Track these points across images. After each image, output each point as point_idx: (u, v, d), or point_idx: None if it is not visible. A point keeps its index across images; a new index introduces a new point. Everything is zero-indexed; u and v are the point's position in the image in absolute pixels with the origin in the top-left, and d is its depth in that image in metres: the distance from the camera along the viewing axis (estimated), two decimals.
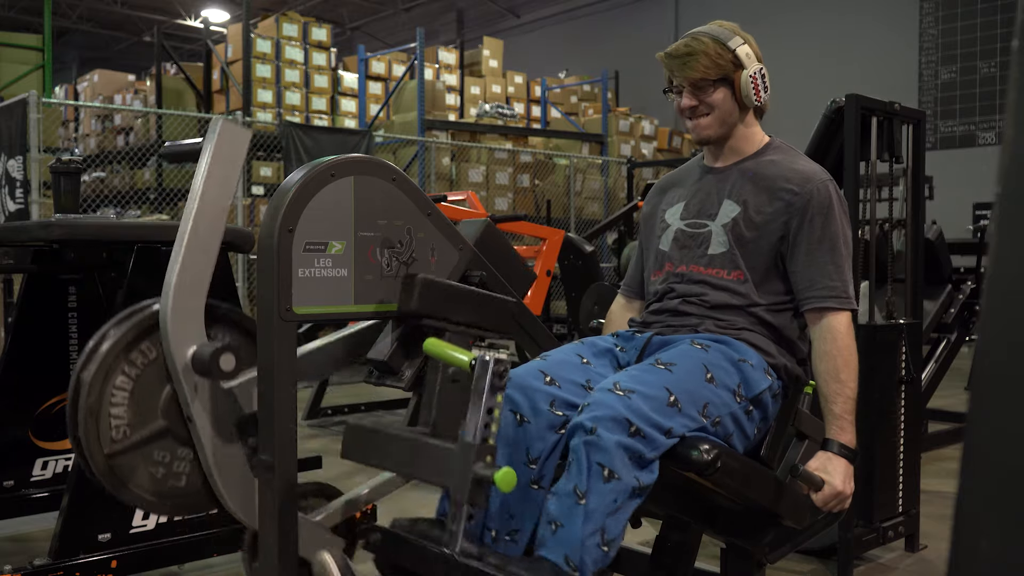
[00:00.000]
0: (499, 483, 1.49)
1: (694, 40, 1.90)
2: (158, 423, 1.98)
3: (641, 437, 1.55)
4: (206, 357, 1.81)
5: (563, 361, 1.81)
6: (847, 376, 1.77)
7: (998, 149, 0.61)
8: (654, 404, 1.59)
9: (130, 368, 1.96)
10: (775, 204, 1.86)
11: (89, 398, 1.91)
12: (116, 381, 1.95)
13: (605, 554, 1.53)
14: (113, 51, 20.01)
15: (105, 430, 1.93)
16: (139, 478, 1.97)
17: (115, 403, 1.94)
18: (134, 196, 9.22)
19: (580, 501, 1.52)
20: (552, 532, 1.54)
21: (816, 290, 1.82)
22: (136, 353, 1.96)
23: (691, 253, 1.93)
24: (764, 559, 1.86)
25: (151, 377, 1.97)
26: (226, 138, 1.95)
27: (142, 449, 1.96)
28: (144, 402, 1.96)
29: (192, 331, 1.90)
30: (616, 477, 1.53)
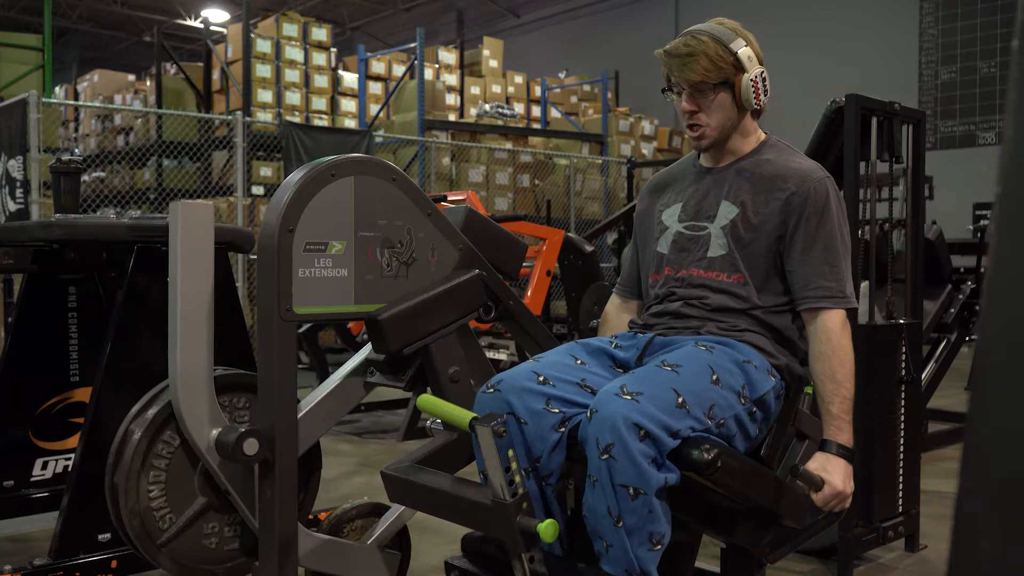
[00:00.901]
0: (543, 535, 1.58)
1: (694, 39, 1.86)
2: (199, 501, 2.07)
3: (651, 440, 1.56)
4: (230, 446, 1.86)
5: (556, 362, 1.81)
6: (843, 376, 1.77)
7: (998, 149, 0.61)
8: (663, 406, 1.59)
9: (159, 461, 2.03)
10: (772, 204, 1.85)
11: (128, 503, 1.99)
12: (149, 477, 2.02)
13: (659, 551, 1.61)
14: (113, 51, 20.01)
15: (152, 524, 2.01)
16: (197, 554, 2.05)
17: (153, 497, 2.02)
18: (134, 196, 9.22)
19: (618, 524, 1.57)
20: (605, 550, 1.61)
21: (811, 290, 1.82)
22: (160, 445, 2.04)
23: (690, 256, 1.92)
24: (764, 559, 1.86)
25: (180, 462, 2.05)
26: (190, 220, 1.97)
27: (191, 529, 2.05)
28: (180, 487, 2.04)
29: (207, 416, 1.97)
30: (643, 492, 1.56)
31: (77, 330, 2.97)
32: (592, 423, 1.59)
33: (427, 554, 2.83)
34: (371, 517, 2.27)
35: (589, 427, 1.60)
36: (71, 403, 2.98)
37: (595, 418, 1.59)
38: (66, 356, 2.96)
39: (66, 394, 2.97)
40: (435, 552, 2.85)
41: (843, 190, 2.82)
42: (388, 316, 1.90)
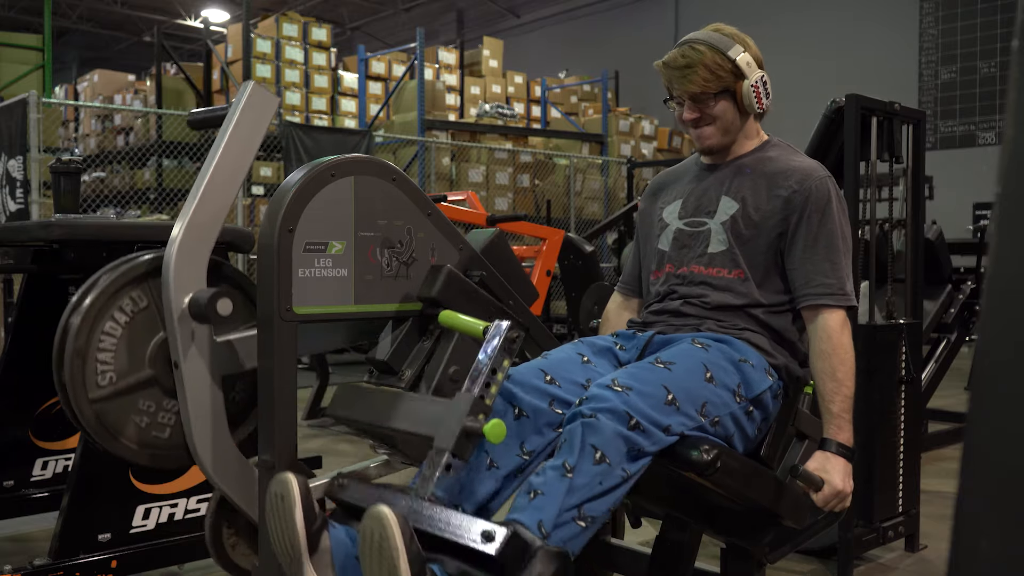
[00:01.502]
0: (488, 435, 1.49)
1: (691, 50, 1.85)
2: (145, 372, 1.97)
3: (640, 431, 1.55)
4: (203, 301, 1.79)
5: (564, 360, 1.81)
6: (843, 375, 1.77)
7: (998, 149, 0.61)
8: (651, 402, 1.59)
9: (120, 315, 1.94)
10: (773, 201, 1.85)
11: (77, 341, 1.89)
12: (105, 327, 1.93)
13: (581, 531, 1.49)
14: (113, 51, 20.01)
15: (91, 375, 1.91)
16: (123, 426, 1.95)
17: (103, 348, 1.92)
18: (134, 196, 9.22)
19: (567, 475, 1.50)
20: (530, 500, 1.50)
21: (812, 287, 1.82)
22: (127, 300, 1.95)
23: (691, 252, 1.92)
24: (764, 559, 1.86)
25: (141, 325, 1.96)
26: (254, 101, 1.97)
27: (128, 396, 1.95)
28: (132, 350, 1.95)
29: (194, 277, 1.89)
30: (606, 461, 1.51)
31: None
32: (582, 406, 1.59)
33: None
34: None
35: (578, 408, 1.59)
36: None
37: (585, 403, 1.59)
38: None
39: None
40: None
41: (843, 190, 2.82)
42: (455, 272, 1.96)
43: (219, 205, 1.94)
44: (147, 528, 2.50)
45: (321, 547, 1.52)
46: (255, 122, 1.98)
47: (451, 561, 1.45)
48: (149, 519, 2.51)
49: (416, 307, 2.02)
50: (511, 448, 1.68)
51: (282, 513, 1.52)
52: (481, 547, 1.38)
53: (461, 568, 1.43)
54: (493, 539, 1.38)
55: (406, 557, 1.35)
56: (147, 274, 1.98)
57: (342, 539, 1.55)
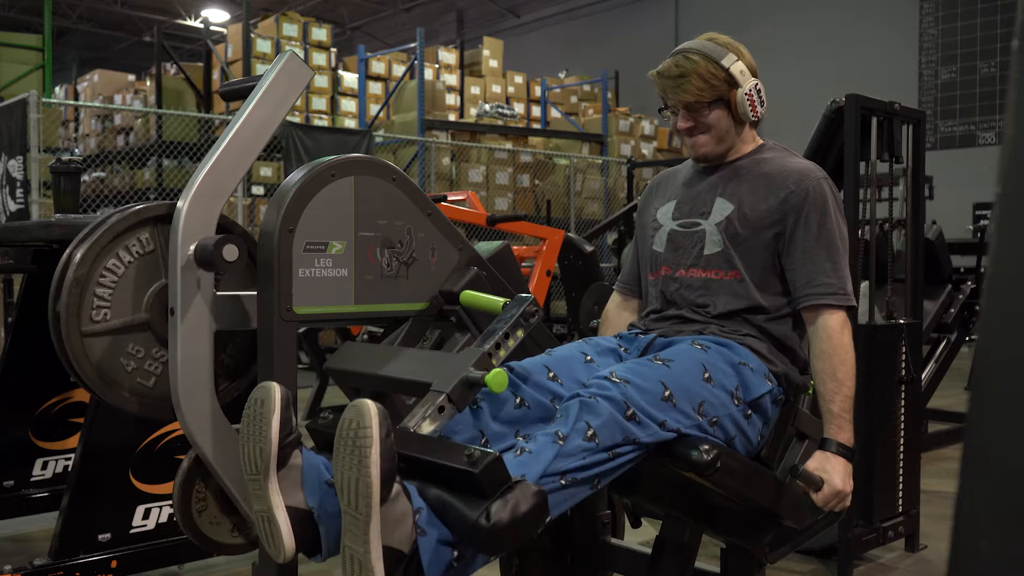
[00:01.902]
0: (490, 383, 1.48)
1: (685, 59, 1.85)
2: (140, 315, 1.95)
3: (636, 422, 1.56)
4: (210, 246, 1.78)
5: (567, 358, 1.81)
6: (844, 375, 1.77)
7: (998, 149, 0.61)
8: (648, 396, 1.59)
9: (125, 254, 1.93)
10: (770, 201, 1.85)
11: (78, 271, 1.88)
12: (108, 263, 1.92)
13: (562, 488, 1.49)
14: (113, 51, 20.02)
15: (87, 308, 1.90)
16: (109, 366, 1.93)
17: (102, 284, 1.90)
18: (134, 196, 9.22)
19: (557, 441, 1.50)
20: (516, 455, 1.50)
21: (813, 287, 1.81)
22: (134, 241, 1.94)
23: (686, 254, 1.92)
24: (764, 559, 1.86)
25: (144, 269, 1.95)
26: (288, 70, 1.98)
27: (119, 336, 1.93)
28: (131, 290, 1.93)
29: (204, 226, 1.87)
30: (596, 440, 1.52)
31: None
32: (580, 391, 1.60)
33: None
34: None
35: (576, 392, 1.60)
36: (71, 403, 2.98)
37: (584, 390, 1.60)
38: None
39: (66, 394, 2.97)
40: None
41: (843, 190, 2.82)
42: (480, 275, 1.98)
43: (237, 164, 1.93)
44: (147, 528, 2.51)
45: (291, 464, 1.47)
46: (286, 90, 1.98)
47: (429, 488, 1.42)
48: (149, 519, 2.52)
49: (417, 307, 2.02)
50: (507, 434, 1.67)
51: (258, 419, 1.47)
52: (462, 465, 1.36)
53: (438, 495, 1.40)
54: (475, 461, 1.36)
55: (379, 448, 1.31)
56: (159, 218, 1.97)
57: (315, 462, 1.50)
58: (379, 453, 1.31)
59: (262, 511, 1.46)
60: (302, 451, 1.50)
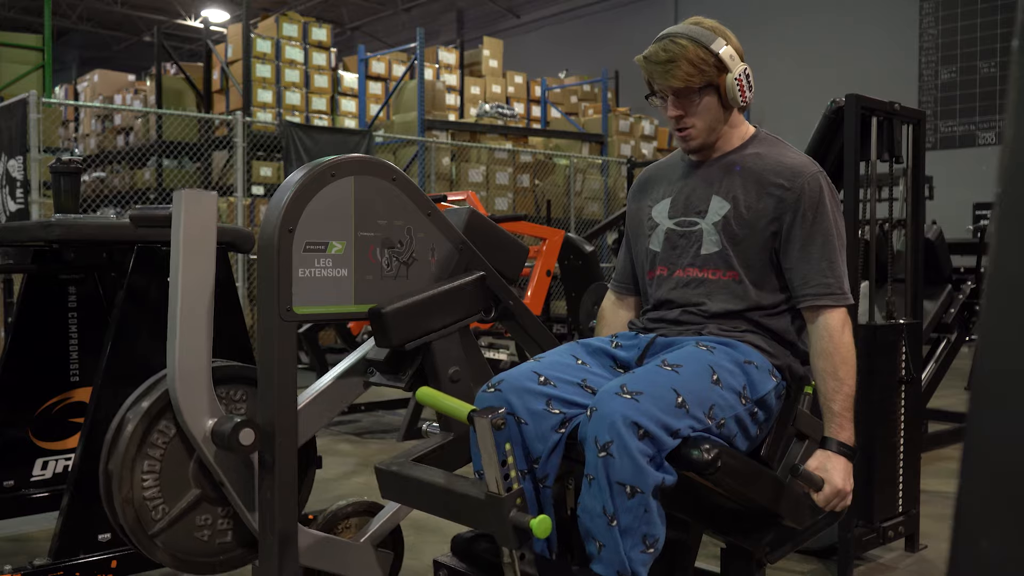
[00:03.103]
0: (536, 531, 1.56)
1: (673, 44, 1.81)
2: (192, 492, 2.04)
3: (649, 439, 1.55)
4: (225, 435, 1.86)
5: (557, 362, 1.81)
6: (845, 373, 1.76)
7: (998, 149, 0.61)
8: (662, 405, 1.59)
9: (153, 451, 2.01)
10: (765, 200, 1.83)
11: (122, 491, 1.97)
12: (143, 467, 2.00)
13: (652, 554, 1.59)
14: (113, 51, 20.01)
15: (145, 514, 1.99)
16: (190, 545, 2.03)
17: (147, 487, 2.00)
18: (134, 196, 9.22)
19: (612, 523, 1.56)
20: (598, 551, 1.59)
21: (811, 287, 1.81)
22: (156, 434, 2.03)
23: (683, 254, 1.91)
24: (764, 559, 1.86)
25: (175, 452, 2.03)
26: (192, 208, 1.97)
27: (183, 520, 2.03)
28: (174, 477, 2.02)
29: (204, 406, 1.95)
30: (639, 491, 1.55)
31: (77, 330, 2.97)
32: (592, 422, 1.59)
33: (425, 553, 2.83)
34: (364, 515, 2.27)
35: (588, 426, 1.60)
36: (71, 403, 2.98)
37: (595, 416, 1.59)
38: (66, 356, 2.96)
39: (66, 394, 2.97)
40: (433, 551, 2.84)
41: (843, 190, 2.82)
42: (392, 310, 1.90)
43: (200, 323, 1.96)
44: None
45: None
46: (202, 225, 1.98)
47: None
48: None
49: None
50: (518, 458, 1.69)
51: None
52: None
53: None
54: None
55: None
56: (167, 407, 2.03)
57: None
58: None
59: None
60: None
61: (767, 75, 13.12)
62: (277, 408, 1.84)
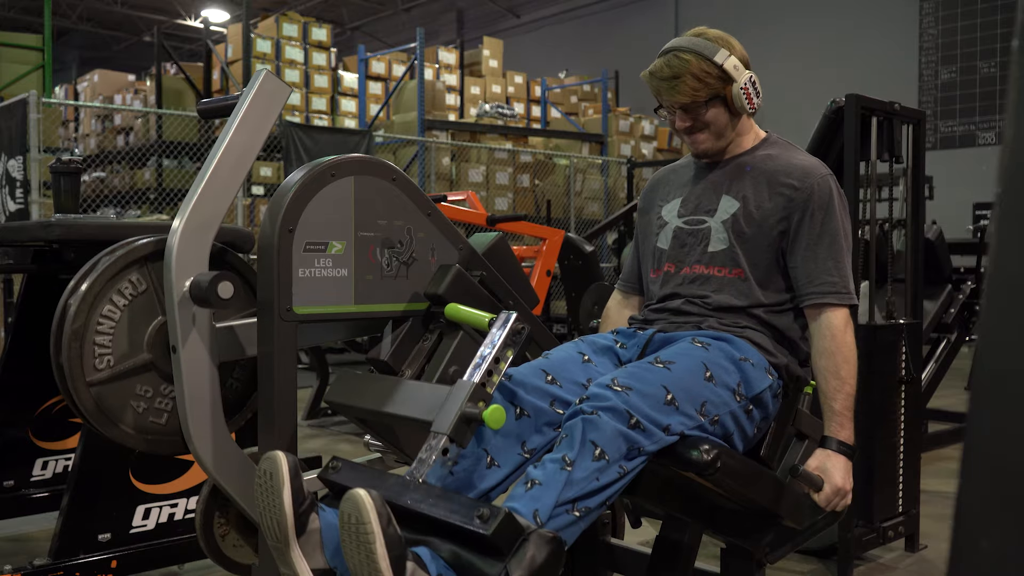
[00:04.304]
0: (488, 420, 1.50)
1: (676, 59, 1.83)
2: (143, 356, 1.96)
3: (641, 430, 1.55)
4: (205, 283, 1.79)
5: (565, 359, 1.81)
6: (847, 373, 1.77)
7: (998, 149, 0.61)
8: (651, 402, 1.59)
9: (119, 298, 1.93)
10: (775, 199, 1.85)
11: (75, 323, 1.88)
12: (103, 309, 1.92)
13: (575, 520, 1.50)
14: (113, 51, 20.01)
15: (89, 358, 1.91)
16: (120, 411, 1.95)
17: (100, 331, 1.91)
18: (134, 196, 9.22)
19: (565, 467, 1.50)
20: (526, 489, 1.50)
21: (816, 286, 1.82)
22: (126, 283, 1.94)
23: (691, 251, 1.92)
24: (764, 559, 1.86)
25: (139, 309, 1.95)
26: (266, 89, 1.96)
27: (125, 380, 1.94)
28: (130, 333, 1.94)
29: (196, 261, 1.88)
30: (605, 458, 1.52)
31: None
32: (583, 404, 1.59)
33: None
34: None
35: (578, 405, 1.59)
36: None
37: (585, 402, 1.59)
38: None
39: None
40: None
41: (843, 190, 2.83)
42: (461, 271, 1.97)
43: (224, 192, 1.93)
44: (147, 528, 2.50)
45: (310, 528, 1.50)
46: (265, 110, 1.97)
47: (443, 544, 1.44)
48: (149, 519, 2.52)
49: (417, 307, 2.02)
50: (512, 447, 1.68)
51: (271, 491, 1.50)
52: (474, 527, 1.37)
53: (453, 550, 1.42)
54: (487, 520, 1.37)
55: (382, 540, 1.33)
56: (147, 257, 1.97)
57: (332, 522, 1.52)
58: (384, 546, 1.33)
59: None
60: (319, 513, 1.53)
61: (767, 75, 13.08)
62: (277, 409, 1.84)
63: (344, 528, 1.38)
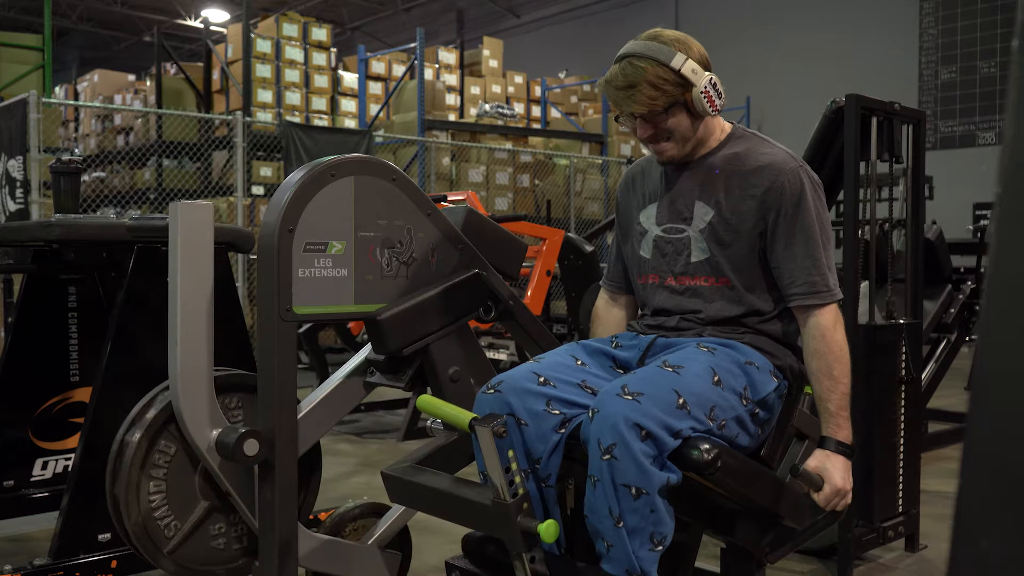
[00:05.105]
0: (544, 536, 1.58)
1: (631, 67, 1.76)
2: (201, 505, 2.05)
3: (652, 440, 1.55)
4: (230, 446, 1.86)
5: (557, 363, 1.80)
6: (839, 372, 1.76)
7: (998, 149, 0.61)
8: (664, 406, 1.58)
9: (157, 470, 2.02)
10: (748, 201, 1.82)
11: (131, 515, 1.98)
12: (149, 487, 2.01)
13: (660, 551, 1.60)
14: (113, 51, 20.01)
15: (157, 533, 2.00)
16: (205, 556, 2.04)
17: (155, 507, 2.00)
18: (134, 196, 9.22)
19: (619, 524, 1.57)
20: (607, 550, 1.61)
21: (797, 286, 1.80)
22: (157, 455, 2.03)
23: (673, 262, 1.89)
24: (764, 559, 1.86)
25: (178, 470, 2.04)
26: (189, 221, 1.97)
27: (197, 534, 2.04)
28: (182, 492, 2.03)
29: (208, 417, 1.96)
30: (644, 492, 1.55)
31: (77, 330, 2.97)
32: (593, 423, 1.59)
33: (428, 554, 2.83)
34: (371, 517, 2.27)
35: (591, 427, 1.60)
36: (71, 403, 2.98)
37: (596, 418, 1.59)
38: (66, 356, 2.96)
39: (66, 394, 2.97)
40: (436, 552, 2.85)
41: (843, 190, 2.82)
42: (388, 316, 1.90)
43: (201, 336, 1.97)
44: None
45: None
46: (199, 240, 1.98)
47: None
48: None
49: None
50: (520, 460, 1.69)
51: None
52: None
53: None
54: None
55: None
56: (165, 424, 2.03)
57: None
58: None
59: None
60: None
61: (767, 75, 13.12)
62: (277, 409, 1.84)
63: None
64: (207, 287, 1.98)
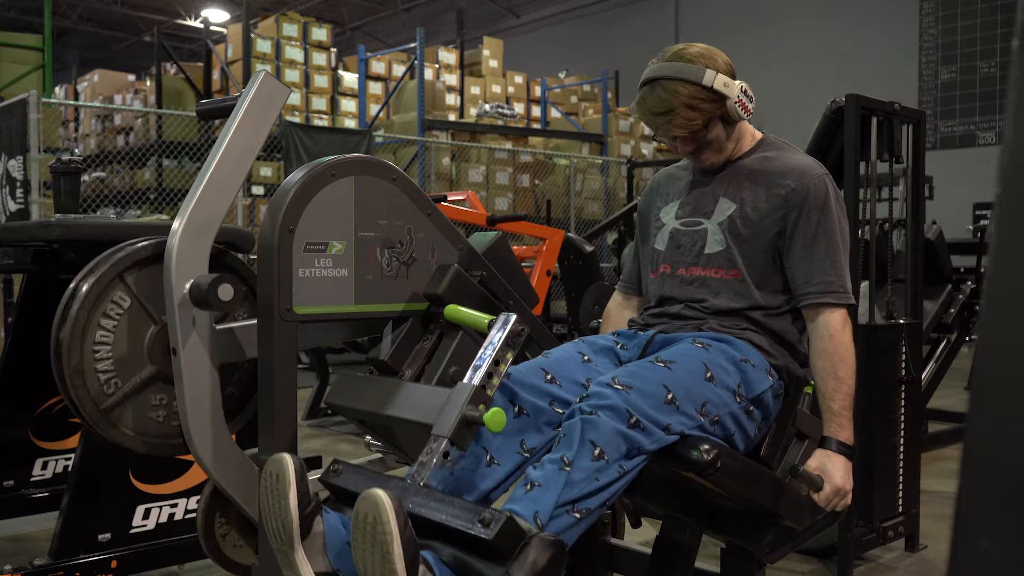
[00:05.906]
0: (488, 423, 1.49)
1: (664, 91, 1.78)
2: (147, 369, 1.97)
3: (640, 429, 1.55)
4: (205, 286, 1.79)
5: (564, 359, 1.81)
6: (844, 373, 1.77)
7: (998, 149, 0.61)
8: (651, 401, 1.59)
9: (107, 321, 1.93)
10: (772, 200, 1.85)
11: (72, 361, 1.89)
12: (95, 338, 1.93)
13: (576, 522, 1.50)
14: (113, 51, 20.01)
15: (95, 386, 1.92)
16: (143, 424, 1.97)
17: (99, 358, 1.92)
18: (134, 196, 9.21)
19: (564, 468, 1.50)
20: (526, 491, 1.50)
21: (812, 286, 1.82)
22: (110, 306, 1.94)
23: (687, 252, 1.92)
24: (764, 559, 1.86)
25: (131, 325, 1.95)
26: (265, 90, 1.97)
27: (136, 397, 1.96)
28: (129, 351, 1.95)
29: (196, 264, 1.88)
30: (604, 458, 1.51)
31: None
32: (582, 403, 1.59)
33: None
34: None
35: (578, 404, 1.59)
36: None
37: (585, 401, 1.59)
38: None
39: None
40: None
41: (843, 190, 2.82)
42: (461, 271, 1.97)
43: (224, 193, 1.93)
44: (147, 528, 2.50)
45: (314, 531, 1.50)
46: (264, 111, 1.97)
47: (445, 548, 1.44)
48: (149, 519, 2.52)
49: (417, 307, 2.02)
50: (511, 445, 1.68)
51: (276, 493, 1.50)
52: (476, 532, 1.37)
53: (455, 555, 1.43)
54: (488, 524, 1.37)
55: (399, 541, 1.33)
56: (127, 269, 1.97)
57: (335, 525, 1.53)
58: (401, 547, 1.33)
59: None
60: (323, 515, 1.53)
61: (767, 75, 13.11)
62: (277, 407, 1.84)
63: (359, 528, 1.37)
64: (253, 152, 1.96)
